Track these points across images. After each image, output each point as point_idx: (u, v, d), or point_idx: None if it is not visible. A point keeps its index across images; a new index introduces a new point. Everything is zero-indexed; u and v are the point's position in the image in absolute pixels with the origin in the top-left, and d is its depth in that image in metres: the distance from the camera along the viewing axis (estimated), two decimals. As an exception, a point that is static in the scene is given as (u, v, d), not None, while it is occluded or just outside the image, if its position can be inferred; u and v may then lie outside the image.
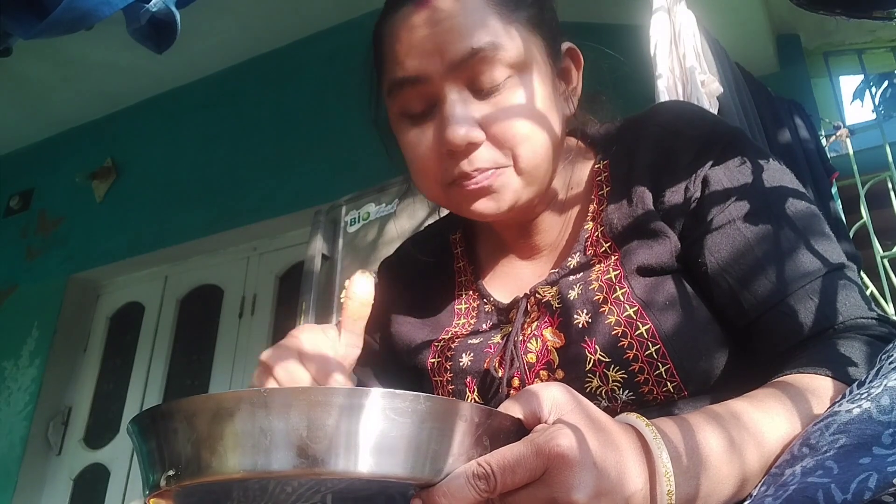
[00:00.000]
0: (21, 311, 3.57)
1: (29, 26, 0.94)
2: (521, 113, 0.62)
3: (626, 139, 0.69)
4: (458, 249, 0.80)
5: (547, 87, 0.65)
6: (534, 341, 0.64)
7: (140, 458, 0.42)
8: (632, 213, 0.65)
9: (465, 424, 0.41)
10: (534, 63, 0.64)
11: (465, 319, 0.73)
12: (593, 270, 0.65)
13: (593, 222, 0.68)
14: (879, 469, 0.36)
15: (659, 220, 0.63)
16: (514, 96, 0.63)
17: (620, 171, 0.68)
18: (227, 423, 0.38)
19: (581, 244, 0.68)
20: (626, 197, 0.66)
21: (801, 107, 2.40)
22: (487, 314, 0.72)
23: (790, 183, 0.63)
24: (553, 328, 0.63)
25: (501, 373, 0.64)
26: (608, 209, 0.67)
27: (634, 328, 0.59)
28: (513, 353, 0.64)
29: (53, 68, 3.44)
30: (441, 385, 0.69)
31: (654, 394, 0.59)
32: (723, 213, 0.62)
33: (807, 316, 0.57)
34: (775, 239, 0.60)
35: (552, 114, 0.65)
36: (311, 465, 0.37)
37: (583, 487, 0.40)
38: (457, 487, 0.40)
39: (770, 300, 0.58)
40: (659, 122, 0.68)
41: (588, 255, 0.67)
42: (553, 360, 0.63)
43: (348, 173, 2.81)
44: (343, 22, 3.28)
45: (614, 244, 0.65)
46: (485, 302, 0.73)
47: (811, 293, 0.58)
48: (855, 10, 0.61)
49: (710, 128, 0.65)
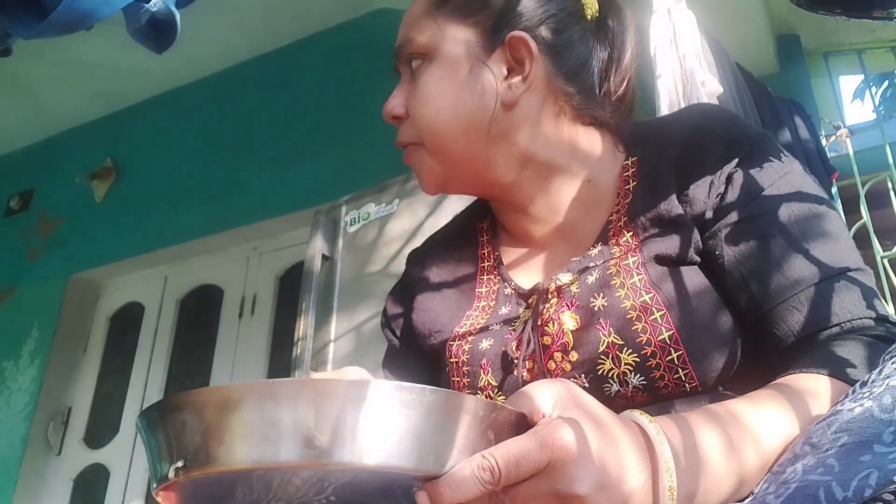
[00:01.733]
0: (21, 311, 3.57)
1: (29, 26, 0.94)
2: (423, 95, 0.72)
3: (657, 138, 0.71)
4: (484, 237, 0.82)
5: (456, 71, 0.71)
6: (551, 324, 0.65)
7: (148, 451, 0.43)
8: (655, 205, 0.66)
9: (470, 418, 0.42)
10: (441, 50, 0.71)
11: (486, 302, 0.74)
12: (613, 257, 0.66)
13: (617, 214, 0.70)
14: (880, 467, 0.36)
15: (681, 213, 0.65)
16: (427, 80, 0.72)
17: (649, 166, 0.70)
18: (236, 414, 0.38)
19: (604, 235, 0.69)
20: (651, 190, 0.68)
21: (801, 107, 2.40)
22: (507, 297, 0.73)
23: (811, 187, 0.65)
24: (571, 311, 0.64)
25: (518, 354, 0.65)
26: (633, 201, 0.69)
27: (649, 313, 0.60)
28: (529, 335, 0.65)
29: (53, 68, 3.44)
30: (457, 367, 0.70)
31: (665, 380, 0.60)
32: (744, 210, 0.63)
33: (810, 315, 0.58)
34: (789, 239, 0.61)
35: (462, 96, 0.70)
36: (318, 456, 0.38)
37: (585, 480, 0.41)
38: (461, 480, 0.41)
39: (779, 296, 0.60)
40: (690, 122, 0.70)
41: (610, 244, 0.68)
42: (568, 342, 0.63)
43: (348, 173, 2.81)
44: (343, 22, 3.29)
45: (636, 234, 0.67)
46: (505, 286, 0.74)
47: (816, 294, 0.59)
48: (855, 10, 0.61)
49: (740, 129, 0.68)
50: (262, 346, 2.98)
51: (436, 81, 0.71)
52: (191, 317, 3.31)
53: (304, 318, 2.05)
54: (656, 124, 0.74)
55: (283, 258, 3.11)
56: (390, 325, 0.84)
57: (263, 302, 3.08)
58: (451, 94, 0.71)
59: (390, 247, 2.03)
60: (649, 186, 0.68)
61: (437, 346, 0.74)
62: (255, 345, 3.00)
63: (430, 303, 0.78)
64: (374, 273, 2.03)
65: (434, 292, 0.79)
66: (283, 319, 2.97)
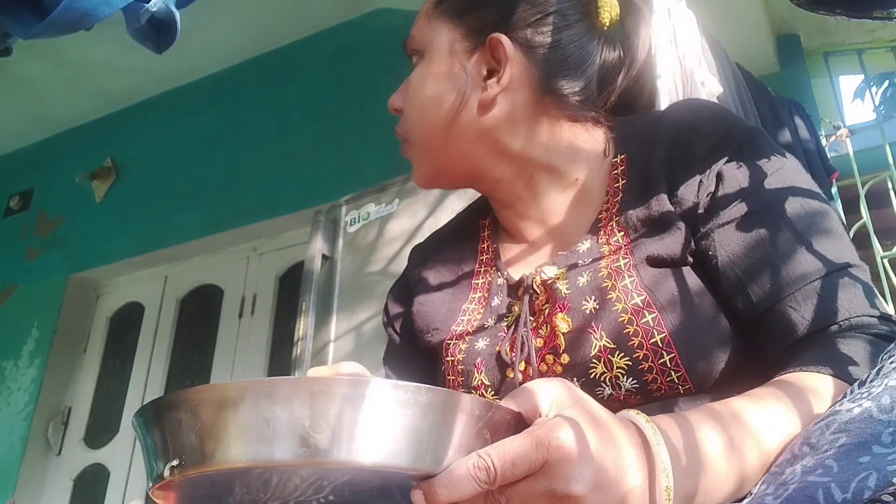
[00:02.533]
0: (21, 311, 3.57)
1: (29, 26, 0.94)
2: (409, 90, 0.76)
3: (646, 134, 0.71)
4: (485, 232, 0.82)
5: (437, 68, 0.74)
6: (545, 327, 0.65)
7: (144, 449, 0.43)
8: (646, 205, 0.66)
9: (466, 417, 0.42)
10: (430, 47, 0.75)
11: (481, 293, 0.75)
12: (603, 258, 0.66)
13: (607, 212, 0.70)
14: (879, 468, 0.36)
15: (672, 213, 0.64)
16: (415, 76, 0.76)
17: (638, 164, 0.69)
18: (231, 412, 0.38)
19: (593, 232, 0.69)
20: (641, 189, 0.67)
21: (802, 107, 2.40)
22: (499, 287, 0.73)
23: (805, 182, 0.64)
24: (563, 313, 0.64)
25: (511, 356, 0.65)
26: (623, 200, 0.68)
27: (641, 316, 0.60)
28: (523, 337, 0.65)
29: (53, 68, 3.44)
30: (452, 365, 0.70)
31: (658, 383, 0.59)
32: (735, 208, 0.62)
33: (810, 313, 0.57)
34: (786, 235, 0.60)
35: (437, 92, 0.73)
36: (313, 455, 0.38)
37: (581, 480, 0.41)
38: (457, 479, 0.41)
39: (777, 294, 0.59)
40: (677, 119, 0.69)
41: (599, 242, 0.68)
42: (559, 344, 0.63)
43: (348, 173, 2.81)
44: (343, 22, 3.29)
45: (626, 234, 0.66)
46: (498, 275, 0.75)
47: (816, 290, 0.58)
48: (855, 10, 0.61)
49: (729, 125, 0.67)
50: (262, 346, 2.98)
51: (421, 77, 0.75)
52: (191, 317, 3.31)
53: (304, 318, 2.04)
54: (645, 121, 0.74)
55: (283, 258, 3.11)
56: (391, 321, 0.85)
57: (263, 302, 3.08)
58: (430, 91, 0.74)
59: (390, 247, 2.03)
60: (639, 185, 0.68)
61: (434, 343, 0.74)
62: (255, 345, 3.00)
63: (428, 299, 0.78)
64: (374, 273, 2.03)
65: (434, 287, 0.79)
66: (283, 319, 2.97)
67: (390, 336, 0.85)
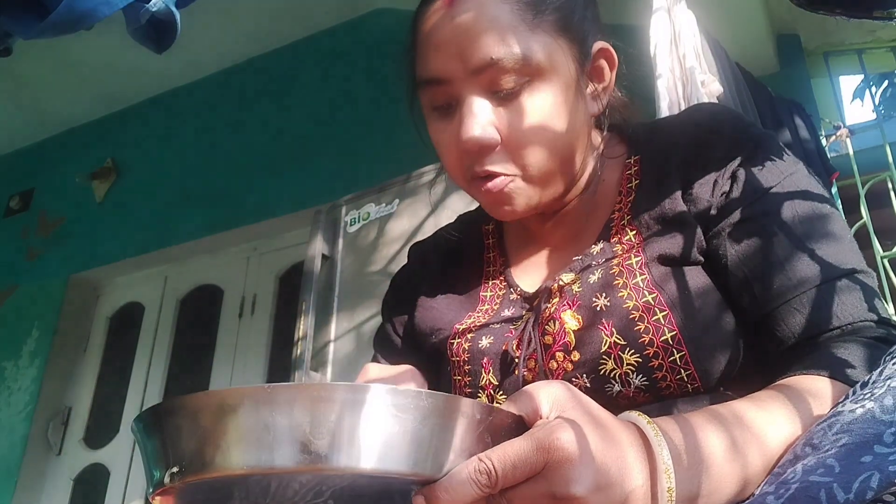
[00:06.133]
0: (21, 311, 3.57)
1: (29, 26, 0.94)
2: (533, 120, 0.64)
3: (662, 137, 0.71)
4: (489, 240, 0.81)
5: (567, 90, 0.66)
6: (552, 323, 0.65)
7: (144, 455, 0.43)
8: (659, 204, 0.66)
9: (466, 421, 0.42)
10: (553, 67, 0.65)
11: (490, 306, 0.74)
12: (616, 256, 0.66)
13: (619, 212, 0.70)
14: (881, 468, 0.36)
15: (685, 212, 0.65)
16: (529, 102, 0.64)
17: (652, 165, 0.70)
18: (231, 418, 0.38)
19: (606, 232, 0.69)
20: (655, 189, 0.68)
21: (802, 107, 2.40)
22: (512, 302, 0.72)
23: (815, 188, 0.65)
24: (572, 310, 0.64)
25: (518, 353, 0.65)
26: (636, 199, 0.69)
27: (652, 313, 0.60)
28: (531, 334, 0.65)
29: (53, 68, 3.43)
30: (458, 365, 0.70)
31: (667, 380, 0.59)
32: (747, 209, 0.63)
33: (813, 316, 0.58)
34: (793, 239, 0.61)
35: (572, 116, 0.66)
36: (313, 462, 0.38)
37: (582, 482, 0.41)
38: (458, 483, 0.40)
39: (781, 297, 0.59)
40: (695, 121, 0.70)
41: (612, 242, 0.68)
42: (570, 341, 0.63)
43: (348, 173, 2.81)
44: (343, 22, 3.29)
45: (639, 233, 0.67)
46: (511, 290, 0.73)
47: (821, 295, 0.59)
48: (855, 10, 0.61)
49: (744, 128, 0.68)
50: (262, 346, 2.98)
51: (550, 103, 0.65)
52: (191, 317, 3.31)
53: (304, 318, 2.04)
54: (660, 124, 0.75)
55: (283, 258, 3.11)
56: (391, 317, 0.84)
57: (263, 302, 3.08)
58: (564, 117, 0.65)
59: (390, 247, 2.03)
60: (653, 185, 0.68)
61: (437, 344, 0.74)
62: (255, 345, 3.00)
63: (433, 302, 0.78)
64: (374, 273, 2.03)
65: (437, 291, 0.79)
66: (283, 319, 2.97)
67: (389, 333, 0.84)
